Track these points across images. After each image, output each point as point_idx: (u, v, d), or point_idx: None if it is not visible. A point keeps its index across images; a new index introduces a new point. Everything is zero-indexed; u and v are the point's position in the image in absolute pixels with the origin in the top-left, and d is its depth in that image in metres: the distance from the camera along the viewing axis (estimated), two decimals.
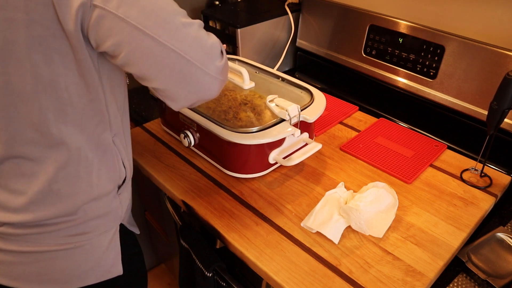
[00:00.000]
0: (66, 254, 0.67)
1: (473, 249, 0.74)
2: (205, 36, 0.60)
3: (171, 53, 0.56)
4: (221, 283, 0.83)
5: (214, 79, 0.61)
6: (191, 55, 0.58)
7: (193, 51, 0.58)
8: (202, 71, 0.59)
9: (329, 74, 1.36)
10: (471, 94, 1.00)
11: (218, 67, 0.61)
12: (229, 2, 1.47)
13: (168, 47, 0.56)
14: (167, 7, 0.57)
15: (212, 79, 0.61)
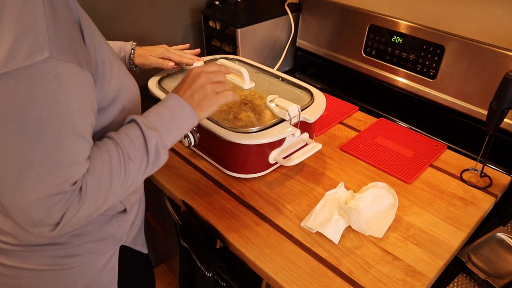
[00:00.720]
0: (54, 274, 0.64)
1: (473, 249, 0.74)
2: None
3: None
4: (221, 283, 0.83)
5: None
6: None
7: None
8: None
9: (329, 74, 1.36)
10: (471, 94, 1.00)
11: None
12: (229, 2, 1.47)
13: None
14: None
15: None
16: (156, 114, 0.63)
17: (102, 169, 0.55)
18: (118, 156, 0.57)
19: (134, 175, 0.59)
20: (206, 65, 0.73)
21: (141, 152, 0.59)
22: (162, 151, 0.62)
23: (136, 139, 0.59)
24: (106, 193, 0.55)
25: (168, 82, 1.02)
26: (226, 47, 1.38)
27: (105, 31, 1.21)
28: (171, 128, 0.63)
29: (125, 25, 1.26)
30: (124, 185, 0.58)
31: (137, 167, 0.59)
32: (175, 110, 0.65)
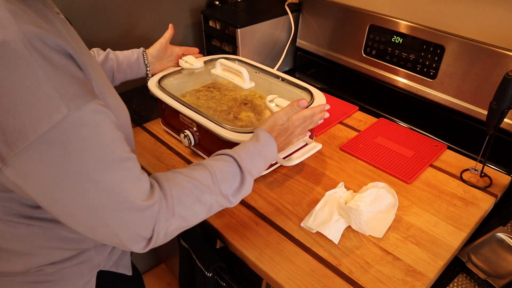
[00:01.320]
0: None
1: (473, 249, 0.74)
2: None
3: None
4: (221, 283, 0.83)
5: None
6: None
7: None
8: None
9: (329, 74, 1.36)
10: (471, 94, 1.00)
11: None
12: (229, 2, 1.47)
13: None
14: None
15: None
16: (251, 155, 0.68)
17: (188, 189, 0.58)
18: (209, 190, 0.60)
19: (214, 209, 0.62)
20: (303, 112, 0.78)
21: (233, 190, 0.64)
22: (249, 189, 0.67)
23: (233, 178, 0.64)
24: (189, 209, 0.58)
25: (168, 82, 1.02)
26: (226, 47, 1.38)
27: (105, 31, 1.22)
28: (260, 167, 0.70)
29: (125, 25, 1.26)
30: (203, 215, 0.61)
31: (224, 200, 0.63)
32: (267, 151, 0.70)
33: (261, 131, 0.72)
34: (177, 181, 0.58)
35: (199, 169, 0.62)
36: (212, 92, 0.99)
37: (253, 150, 0.68)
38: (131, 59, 0.99)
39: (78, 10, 1.14)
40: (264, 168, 0.71)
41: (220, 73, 1.06)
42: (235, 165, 0.65)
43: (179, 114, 0.95)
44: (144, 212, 0.52)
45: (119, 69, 0.97)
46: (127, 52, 0.99)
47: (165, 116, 1.04)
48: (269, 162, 0.72)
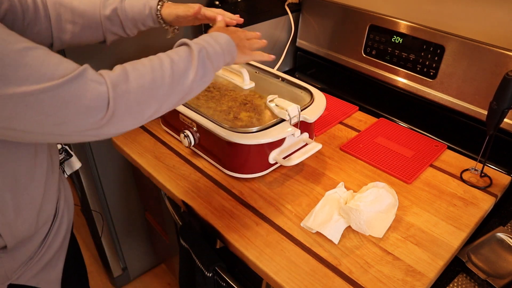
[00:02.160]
0: None
1: (473, 249, 0.74)
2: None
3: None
4: (221, 283, 0.83)
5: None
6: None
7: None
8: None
9: (329, 74, 1.36)
10: (471, 94, 1.00)
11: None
12: (229, 2, 1.47)
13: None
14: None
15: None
16: (202, 39, 0.67)
17: (141, 62, 0.58)
18: (161, 63, 0.59)
19: (180, 77, 0.60)
20: (245, 31, 0.80)
21: (186, 57, 0.62)
22: (208, 64, 0.64)
23: (180, 49, 0.62)
24: (145, 79, 0.56)
25: None
26: None
27: None
28: (216, 48, 0.66)
29: None
30: (168, 89, 0.59)
31: (183, 72, 0.61)
32: (220, 38, 0.69)
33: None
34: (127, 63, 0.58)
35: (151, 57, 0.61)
36: (212, 92, 0.99)
37: (203, 36, 0.69)
38: (142, 15, 0.86)
39: None
40: (221, 51, 0.68)
41: (220, 73, 1.06)
42: (182, 42, 0.65)
43: (179, 114, 0.95)
44: (77, 80, 0.50)
45: (128, 25, 0.87)
46: (138, 6, 0.85)
47: (165, 116, 1.04)
48: (223, 46, 0.69)
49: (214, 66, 0.66)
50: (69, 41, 0.80)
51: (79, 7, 0.79)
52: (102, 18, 0.82)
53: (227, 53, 0.69)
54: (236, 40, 0.73)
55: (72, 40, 0.80)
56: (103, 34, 0.84)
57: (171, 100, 0.60)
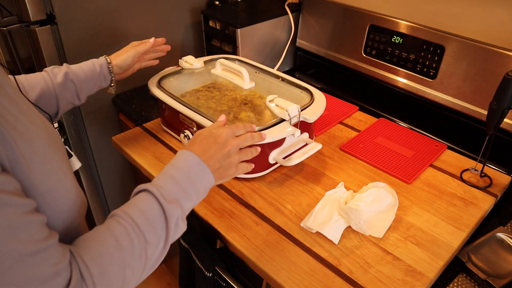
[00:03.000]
0: None
1: (473, 249, 0.74)
2: None
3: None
4: (221, 283, 0.83)
5: None
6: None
7: None
8: None
9: (329, 74, 1.36)
10: (471, 94, 1.00)
11: None
12: (229, 2, 1.47)
13: None
14: None
15: None
16: (172, 180, 0.57)
17: (111, 260, 0.49)
18: (132, 246, 0.50)
19: (151, 261, 0.53)
20: (235, 127, 0.68)
21: (159, 233, 0.53)
22: (182, 224, 0.57)
23: (154, 218, 0.53)
24: (118, 280, 0.49)
25: (168, 82, 1.02)
26: (226, 47, 1.38)
27: (105, 31, 1.22)
28: (190, 194, 0.58)
29: (125, 25, 1.26)
30: (139, 275, 0.52)
31: (154, 250, 0.53)
32: (191, 172, 0.59)
33: (179, 151, 0.62)
34: (92, 252, 0.49)
35: (116, 223, 0.52)
36: (212, 92, 0.99)
37: (171, 173, 0.58)
38: (94, 74, 0.87)
39: (78, 12, 1.14)
40: (196, 193, 0.59)
41: (220, 73, 1.06)
42: (151, 200, 0.54)
43: (179, 114, 0.95)
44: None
45: (82, 88, 0.86)
46: (87, 66, 0.87)
47: (165, 116, 1.04)
48: (200, 186, 0.60)
49: (184, 220, 0.58)
50: None
51: (29, 81, 0.78)
52: (56, 86, 0.81)
53: (202, 194, 0.60)
54: (227, 165, 0.64)
55: None
56: (57, 104, 0.81)
57: (141, 276, 0.53)
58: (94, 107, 1.27)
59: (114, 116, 1.37)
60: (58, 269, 0.45)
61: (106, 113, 1.34)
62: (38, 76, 0.80)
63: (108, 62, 0.89)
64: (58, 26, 1.12)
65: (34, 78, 0.79)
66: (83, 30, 1.17)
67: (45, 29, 1.10)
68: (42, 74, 0.81)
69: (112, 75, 0.90)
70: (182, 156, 0.61)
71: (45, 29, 1.11)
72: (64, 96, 0.83)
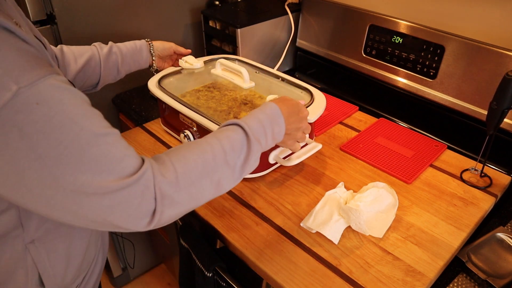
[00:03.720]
0: None
1: (473, 249, 0.74)
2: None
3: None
4: (221, 283, 0.83)
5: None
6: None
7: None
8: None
9: (329, 74, 1.36)
10: (471, 94, 1.00)
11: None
12: (229, 2, 1.47)
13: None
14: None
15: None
16: (259, 122, 0.65)
17: (194, 160, 0.55)
18: (214, 157, 0.57)
19: (226, 179, 0.59)
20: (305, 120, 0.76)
21: (240, 160, 0.60)
22: (258, 160, 0.64)
23: (240, 147, 0.60)
24: (197, 184, 0.55)
25: (168, 83, 1.02)
26: (226, 47, 1.38)
27: (105, 31, 1.22)
28: (268, 137, 0.66)
29: (125, 25, 1.26)
30: (214, 186, 0.58)
31: (232, 172, 0.60)
32: (274, 121, 0.67)
33: (268, 102, 0.71)
34: (180, 154, 0.55)
35: (204, 141, 0.59)
36: (212, 92, 0.99)
37: (259, 116, 0.66)
38: (135, 51, 0.97)
39: (78, 12, 1.14)
40: (271, 141, 0.67)
41: (220, 73, 1.06)
42: (241, 133, 0.62)
43: (179, 114, 0.95)
44: (131, 187, 0.48)
45: (124, 62, 0.95)
46: (130, 44, 0.97)
47: (165, 116, 1.04)
48: (276, 137, 0.68)
49: (263, 148, 0.65)
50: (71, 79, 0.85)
51: (78, 49, 0.89)
52: (101, 56, 0.91)
53: (272, 143, 0.68)
54: (294, 132, 0.73)
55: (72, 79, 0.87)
56: (99, 73, 0.92)
57: (211, 197, 0.59)
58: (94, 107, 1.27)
59: (114, 116, 1.37)
60: (129, 151, 0.50)
61: (106, 113, 1.33)
62: (86, 47, 0.91)
63: (150, 44, 1.00)
64: (58, 26, 1.12)
65: (83, 48, 0.91)
66: (83, 30, 1.17)
67: (45, 29, 1.11)
68: (90, 46, 0.92)
69: (153, 56, 1.00)
70: (271, 106, 0.69)
71: (45, 29, 1.11)
72: (108, 66, 0.92)
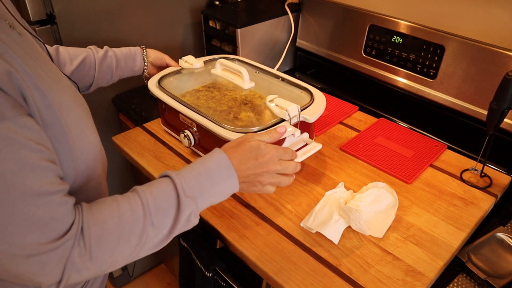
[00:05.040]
0: None
1: (473, 249, 0.74)
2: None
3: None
4: (221, 283, 0.83)
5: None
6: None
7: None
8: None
9: (329, 74, 1.36)
10: (471, 94, 1.00)
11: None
12: (229, 2, 1.47)
13: None
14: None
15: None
16: (197, 176, 0.58)
17: (112, 226, 0.51)
18: (136, 222, 0.53)
19: (150, 244, 0.55)
20: (284, 150, 0.67)
21: (167, 220, 0.55)
22: (194, 219, 0.58)
23: (167, 206, 0.55)
24: (112, 251, 0.51)
25: (168, 83, 1.02)
26: (226, 47, 1.38)
27: (105, 31, 1.22)
28: (210, 194, 0.59)
29: (125, 25, 1.26)
30: (133, 252, 0.54)
31: (157, 234, 0.55)
32: (219, 174, 0.59)
33: (216, 149, 0.63)
34: (100, 216, 0.52)
35: (132, 198, 0.55)
36: (212, 92, 0.99)
37: (199, 169, 0.59)
38: (129, 56, 0.99)
39: (79, 13, 1.14)
40: (216, 196, 0.60)
41: (220, 73, 1.06)
42: (171, 190, 0.56)
43: (179, 114, 0.95)
44: (49, 253, 0.47)
45: (118, 66, 0.97)
46: (125, 49, 1.00)
47: (165, 116, 1.04)
48: (222, 190, 0.60)
49: (197, 217, 0.59)
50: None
51: (74, 50, 0.91)
52: (97, 58, 0.93)
53: (221, 196, 0.61)
54: (260, 178, 0.63)
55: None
56: (93, 75, 0.93)
57: (131, 259, 0.55)
58: (94, 107, 1.27)
59: (114, 116, 1.37)
60: (59, 215, 0.48)
61: (106, 113, 1.34)
62: (82, 48, 0.93)
63: (143, 48, 1.02)
64: (58, 26, 1.12)
65: (79, 49, 0.92)
66: (83, 30, 1.17)
67: (45, 29, 1.10)
68: (86, 48, 0.94)
69: (145, 62, 1.01)
70: (216, 156, 0.61)
71: (45, 29, 1.11)
72: (102, 69, 0.94)
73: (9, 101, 0.45)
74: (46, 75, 0.53)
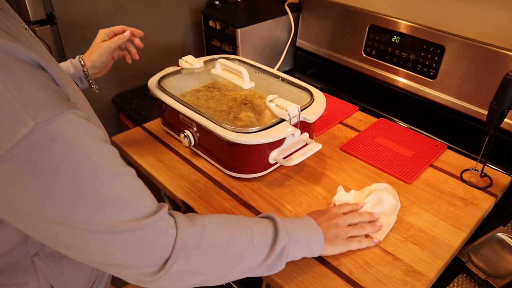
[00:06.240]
0: None
1: (473, 249, 0.74)
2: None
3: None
4: None
5: None
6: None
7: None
8: None
9: (329, 74, 1.36)
10: (471, 94, 1.00)
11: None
12: (229, 2, 1.47)
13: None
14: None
15: None
16: (292, 223, 0.65)
17: (223, 226, 0.56)
18: (241, 232, 0.57)
19: (248, 261, 0.58)
20: (342, 206, 0.77)
21: (265, 244, 0.59)
22: (284, 258, 0.62)
23: (266, 232, 0.60)
24: (217, 250, 0.54)
25: (168, 83, 1.02)
26: (226, 47, 1.38)
27: None
28: (301, 242, 0.65)
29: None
30: (231, 264, 0.56)
31: (255, 256, 0.58)
32: (310, 229, 0.67)
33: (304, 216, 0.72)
34: (213, 219, 0.56)
35: (233, 216, 0.61)
36: (212, 92, 0.99)
37: (293, 220, 0.68)
38: (68, 74, 0.90)
39: (79, 13, 1.14)
40: (306, 248, 0.66)
41: (220, 73, 1.06)
42: (270, 222, 0.63)
43: (179, 114, 0.95)
44: (143, 230, 0.47)
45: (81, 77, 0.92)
46: (63, 66, 0.90)
47: (165, 116, 1.04)
48: (312, 234, 0.67)
49: (289, 259, 0.64)
50: None
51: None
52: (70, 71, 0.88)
53: (310, 251, 0.67)
54: (335, 233, 0.71)
55: None
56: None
57: (223, 276, 0.57)
58: (94, 107, 1.27)
59: (114, 116, 1.37)
60: (144, 194, 0.50)
61: (106, 113, 1.34)
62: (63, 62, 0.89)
63: (82, 65, 0.91)
64: (58, 26, 1.12)
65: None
66: (83, 30, 1.17)
67: (45, 29, 1.10)
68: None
69: (88, 78, 0.92)
70: (299, 218, 0.70)
71: (45, 29, 1.11)
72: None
73: (65, 94, 0.47)
74: (60, 71, 0.56)
